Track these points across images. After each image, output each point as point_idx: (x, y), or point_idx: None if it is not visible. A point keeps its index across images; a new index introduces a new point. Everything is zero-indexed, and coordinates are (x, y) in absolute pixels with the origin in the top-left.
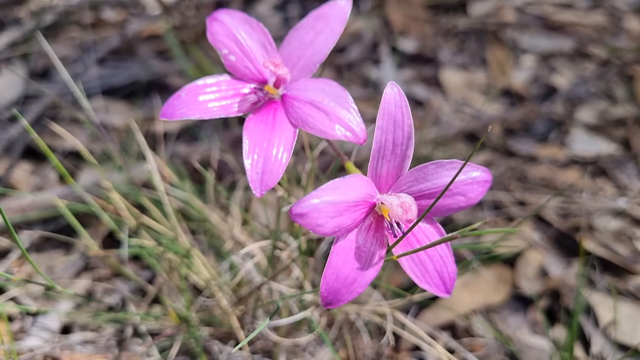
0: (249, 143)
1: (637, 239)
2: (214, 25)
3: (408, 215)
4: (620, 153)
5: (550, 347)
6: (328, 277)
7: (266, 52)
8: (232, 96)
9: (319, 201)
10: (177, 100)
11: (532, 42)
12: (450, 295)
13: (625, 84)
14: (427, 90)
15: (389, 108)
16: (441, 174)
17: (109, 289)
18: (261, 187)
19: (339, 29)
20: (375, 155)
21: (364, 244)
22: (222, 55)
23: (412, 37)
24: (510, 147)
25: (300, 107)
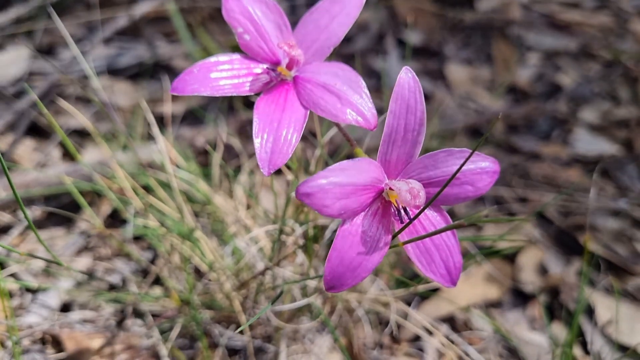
0: (259, 122)
1: (637, 240)
2: (229, 1)
3: (416, 201)
4: (622, 154)
5: (549, 343)
6: (333, 260)
7: (281, 33)
8: (244, 75)
9: (326, 181)
10: (188, 75)
11: (537, 39)
12: (455, 286)
13: (630, 86)
14: (432, 83)
15: (403, 92)
16: (451, 162)
17: (109, 269)
18: (269, 166)
19: (354, 14)
20: (386, 139)
21: (369, 228)
22: (237, 33)
23: (418, 30)
24: (513, 144)
25: (313, 89)
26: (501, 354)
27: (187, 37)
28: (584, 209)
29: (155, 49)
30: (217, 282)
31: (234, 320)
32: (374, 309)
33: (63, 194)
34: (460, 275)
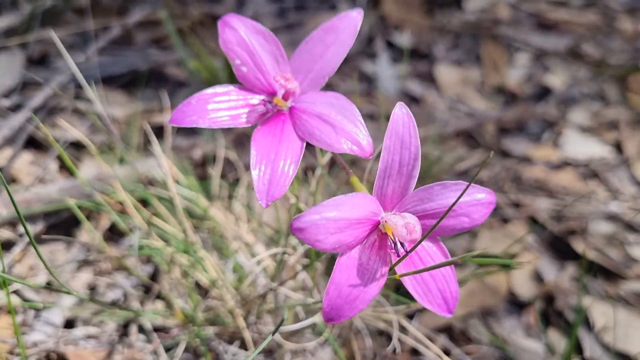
0: (256, 154)
1: (629, 244)
2: (226, 32)
3: (412, 236)
4: (612, 156)
5: (544, 350)
6: (331, 293)
7: (277, 64)
8: (241, 106)
9: (318, 217)
10: (187, 107)
11: (526, 39)
12: (452, 315)
13: (618, 87)
14: (422, 86)
15: (397, 128)
16: (446, 194)
17: (110, 284)
18: (267, 198)
19: (349, 42)
20: (382, 174)
21: (367, 261)
22: (234, 65)
23: (407, 32)
24: (504, 147)
25: (308, 120)
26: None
27: (180, 44)
28: (576, 213)
29: (147, 56)
30: (220, 299)
31: (238, 336)
32: (374, 324)
33: (62, 210)
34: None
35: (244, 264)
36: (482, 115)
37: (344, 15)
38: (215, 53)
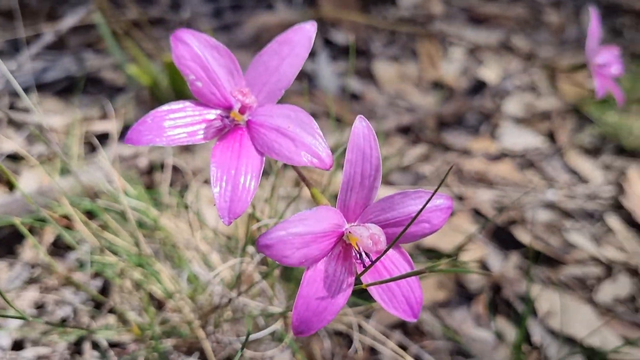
0: (216, 171)
1: (567, 230)
2: (180, 47)
3: (377, 247)
4: (546, 145)
5: (494, 339)
6: (299, 307)
7: (232, 77)
8: (197, 122)
9: (285, 233)
10: (142, 125)
11: (459, 34)
12: (417, 319)
13: (548, 78)
14: (361, 82)
15: (358, 141)
16: (407, 203)
17: (59, 301)
18: (229, 215)
19: (303, 54)
20: (344, 187)
21: (333, 272)
22: (189, 80)
23: (344, 30)
24: (444, 141)
25: (266, 133)
26: (451, 352)
27: (115, 48)
28: (516, 203)
29: (82, 61)
30: (176, 310)
31: (196, 347)
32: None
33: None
34: None
35: (199, 274)
36: (422, 110)
37: (298, 28)
38: (153, 56)
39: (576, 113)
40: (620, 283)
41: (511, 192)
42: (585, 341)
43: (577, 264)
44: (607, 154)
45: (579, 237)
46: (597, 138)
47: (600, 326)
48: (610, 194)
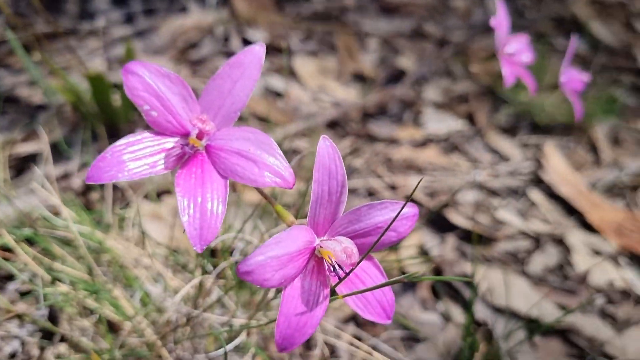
0: (182, 199)
1: (494, 208)
2: (131, 79)
3: (352, 259)
4: (467, 128)
5: (441, 320)
6: (281, 325)
7: (187, 104)
8: (157, 152)
9: (263, 257)
10: (102, 161)
11: (373, 25)
12: (390, 321)
13: (462, 63)
14: (284, 80)
15: (324, 161)
16: (373, 214)
17: (4, 336)
18: (201, 242)
19: (255, 76)
20: (314, 205)
21: (309, 287)
22: (143, 111)
23: (260, 28)
24: (371, 132)
25: (228, 157)
26: (403, 338)
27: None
28: (445, 187)
29: None
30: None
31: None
32: None
33: None
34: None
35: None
36: (346, 103)
37: (248, 50)
38: (69, 69)
39: (491, 95)
40: (548, 253)
41: (440, 176)
42: (524, 313)
43: (507, 240)
44: (523, 131)
45: (507, 213)
46: (512, 117)
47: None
48: (530, 170)
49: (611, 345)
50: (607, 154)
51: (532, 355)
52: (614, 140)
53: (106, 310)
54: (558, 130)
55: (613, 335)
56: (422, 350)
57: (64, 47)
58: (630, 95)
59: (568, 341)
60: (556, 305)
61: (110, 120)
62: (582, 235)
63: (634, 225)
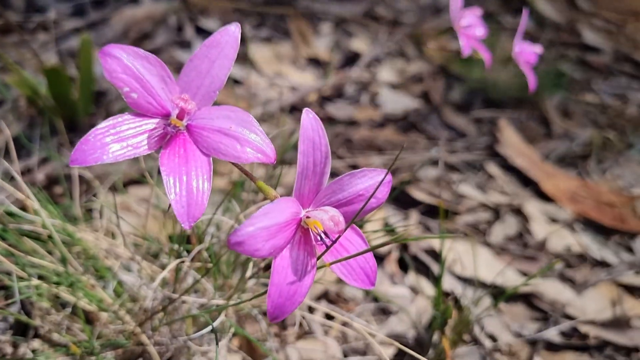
0: (167, 178)
1: (455, 183)
2: (109, 61)
3: (338, 227)
4: (423, 106)
5: (410, 293)
6: (272, 295)
7: (165, 84)
8: (140, 133)
9: (253, 228)
10: (85, 144)
11: (324, 8)
12: (374, 287)
13: (414, 43)
14: (240, 68)
15: (308, 133)
16: (354, 182)
17: None
18: (189, 219)
19: (232, 55)
20: (300, 177)
21: (297, 257)
22: (124, 93)
23: (213, 16)
24: (330, 114)
25: (210, 135)
26: (374, 312)
27: None
28: (406, 164)
29: None
30: (110, 323)
31: (137, 352)
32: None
33: None
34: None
35: (127, 282)
36: (303, 87)
37: (224, 30)
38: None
39: (444, 73)
40: (508, 223)
41: (400, 154)
42: (489, 281)
43: (469, 212)
44: (477, 107)
45: (466, 187)
46: (466, 94)
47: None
48: (486, 144)
49: (572, 307)
50: (558, 126)
51: (498, 320)
52: (564, 112)
53: (81, 302)
54: (510, 105)
55: (573, 297)
56: (394, 322)
57: (16, 42)
58: (576, 70)
59: (531, 305)
60: (518, 272)
61: (69, 113)
62: (538, 204)
63: (587, 192)
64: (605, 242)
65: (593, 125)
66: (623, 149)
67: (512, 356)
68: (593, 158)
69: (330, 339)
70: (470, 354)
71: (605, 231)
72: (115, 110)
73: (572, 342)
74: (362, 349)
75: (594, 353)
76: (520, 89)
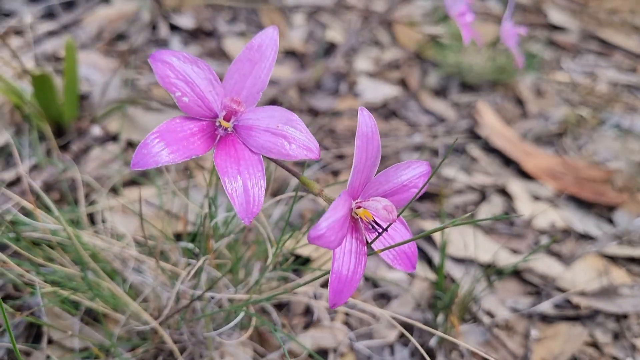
0: (224, 179)
1: (441, 168)
2: (161, 67)
3: (392, 215)
4: (401, 94)
5: (407, 276)
6: (333, 282)
7: (213, 88)
8: (191, 135)
9: (328, 222)
10: (145, 148)
11: (296, 0)
12: (415, 270)
13: (387, 30)
14: (217, 63)
15: (363, 129)
16: (399, 174)
17: None
18: (248, 215)
19: (272, 57)
20: (355, 170)
21: (351, 246)
22: (176, 97)
23: (186, 13)
24: (312, 106)
25: (258, 135)
26: (375, 297)
27: None
28: (390, 152)
29: None
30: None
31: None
32: None
33: None
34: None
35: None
36: (282, 81)
37: (263, 33)
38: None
39: (419, 59)
40: (493, 203)
41: (383, 142)
42: (482, 260)
43: (456, 195)
44: (453, 91)
45: (451, 170)
46: (443, 79)
47: (490, 245)
48: (466, 127)
49: (562, 279)
50: (533, 105)
51: (494, 297)
52: (537, 92)
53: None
54: (486, 88)
55: (562, 270)
56: (396, 305)
57: None
58: (546, 49)
59: (523, 280)
60: (508, 249)
61: (55, 118)
62: (521, 183)
63: (565, 169)
64: (587, 215)
65: (566, 103)
66: (596, 125)
67: (509, 330)
68: (568, 135)
69: (339, 324)
70: (471, 331)
71: (586, 205)
72: (99, 115)
73: (565, 313)
74: (368, 333)
75: (586, 322)
76: (494, 72)
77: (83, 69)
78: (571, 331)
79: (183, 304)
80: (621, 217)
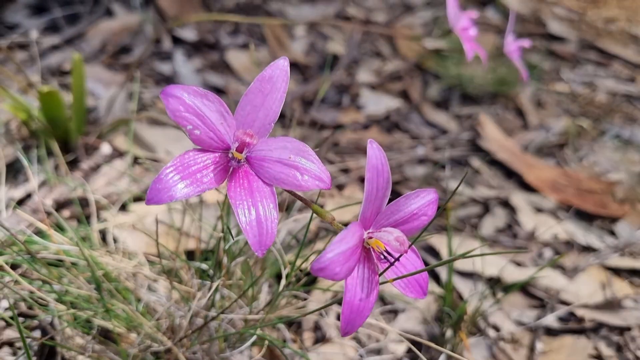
0: (237, 211)
1: (442, 179)
2: (171, 102)
3: (404, 247)
4: (403, 105)
5: None
6: (345, 312)
7: (224, 120)
8: (204, 168)
9: (332, 254)
10: (159, 183)
11: (297, 12)
12: (425, 296)
13: (388, 42)
14: (220, 76)
15: (373, 162)
16: (409, 203)
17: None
18: (261, 248)
19: (284, 88)
20: (366, 201)
21: (363, 275)
22: (187, 131)
23: (189, 26)
24: (315, 119)
25: (270, 166)
26: (382, 312)
27: None
28: (394, 164)
29: None
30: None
31: None
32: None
33: None
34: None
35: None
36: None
37: (274, 64)
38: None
39: (420, 71)
40: (497, 216)
41: (387, 155)
42: (487, 274)
43: (460, 207)
44: (455, 103)
45: (454, 183)
46: (444, 91)
47: (495, 259)
48: (468, 139)
49: (566, 292)
50: (533, 116)
51: (499, 310)
52: (537, 103)
53: (111, 325)
54: (487, 99)
55: (566, 283)
56: (404, 319)
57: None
58: (545, 60)
59: (527, 294)
60: (512, 262)
61: (62, 134)
62: (523, 195)
63: (567, 181)
64: (589, 227)
65: (566, 114)
66: (596, 136)
67: (515, 344)
68: (569, 146)
69: (348, 340)
70: (477, 345)
71: (588, 217)
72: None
73: (569, 327)
74: (376, 348)
75: (591, 335)
76: (494, 83)
77: (88, 83)
78: (576, 344)
79: (196, 323)
80: (623, 228)
